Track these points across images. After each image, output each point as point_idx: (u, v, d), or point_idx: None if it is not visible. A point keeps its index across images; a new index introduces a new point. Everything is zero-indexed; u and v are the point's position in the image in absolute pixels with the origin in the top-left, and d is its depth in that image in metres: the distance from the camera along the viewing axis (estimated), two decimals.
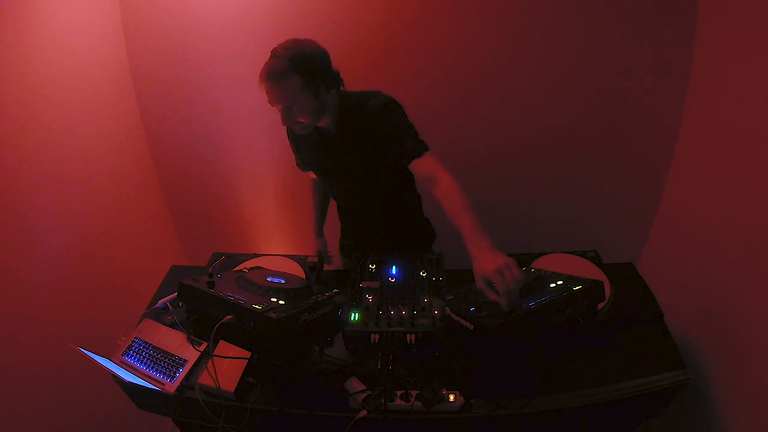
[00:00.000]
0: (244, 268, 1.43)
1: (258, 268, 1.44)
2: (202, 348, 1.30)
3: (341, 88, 1.33)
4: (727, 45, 1.55)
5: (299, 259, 1.61)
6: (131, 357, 1.31)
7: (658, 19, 1.71)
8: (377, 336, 1.18)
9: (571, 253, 1.49)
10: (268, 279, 1.30)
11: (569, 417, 1.16)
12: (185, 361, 1.28)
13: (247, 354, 1.23)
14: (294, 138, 1.53)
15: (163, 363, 1.28)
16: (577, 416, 1.16)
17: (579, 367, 1.18)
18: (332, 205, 1.78)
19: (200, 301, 1.20)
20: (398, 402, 1.11)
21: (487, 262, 1.01)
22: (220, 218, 2.42)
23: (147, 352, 1.31)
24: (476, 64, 1.89)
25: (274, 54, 1.20)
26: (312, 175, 1.65)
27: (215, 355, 1.23)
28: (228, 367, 1.22)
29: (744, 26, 1.45)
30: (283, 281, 1.31)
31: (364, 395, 1.13)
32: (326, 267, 1.76)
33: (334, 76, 1.29)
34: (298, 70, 1.18)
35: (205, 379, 1.20)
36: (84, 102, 1.74)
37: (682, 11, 1.68)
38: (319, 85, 1.24)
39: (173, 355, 1.29)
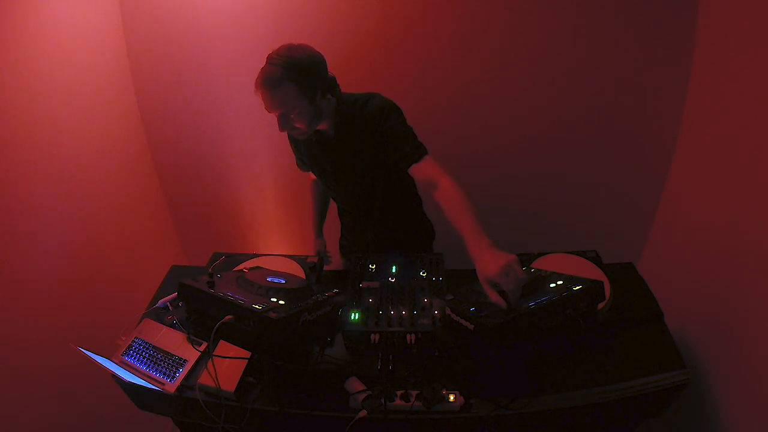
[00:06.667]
0: (244, 268, 1.43)
1: (258, 268, 1.44)
2: (202, 348, 1.30)
3: (338, 92, 1.33)
4: (727, 45, 1.55)
5: (299, 259, 1.61)
6: (131, 357, 1.31)
7: (658, 19, 1.71)
8: (377, 336, 1.18)
9: (571, 253, 1.49)
10: (268, 279, 1.30)
11: (569, 417, 1.16)
12: (185, 361, 1.28)
13: (247, 354, 1.23)
14: (293, 140, 1.53)
15: (163, 363, 1.28)
16: (577, 416, 1.16)
17: (579, 367, 1.18)
18: (332, 206, 1.78)
19: (200, 301, 1.20)
20: (398, 402, 1.11)
21: (490, 263, 1.02)
22: (220, 218, 2.42)
23: (147, 352, 1.31)
24: (475, 65, 1.89)
25: (269, 61, 1.20)
26: (312, 175, 1.65)
27: (215, 355, 1.23)
28: (228, 367, 1.22)
29: (744, 26, 1.45)
30: (283, 281, 1.31)
31: (364, 395, 1.12)
32: (326, 267, 1.76)
33: (329, 82, 1.28)
34: (293, 78, 1.17)
35: (205, 379, 1.20)
36: (84, 102, 1.74)
37: (682, 11, 1.68)
38: (315, 91, 1.23)
39: (173, 355, 1.29)
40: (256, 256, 1.64)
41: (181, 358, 1.28)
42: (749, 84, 1.42)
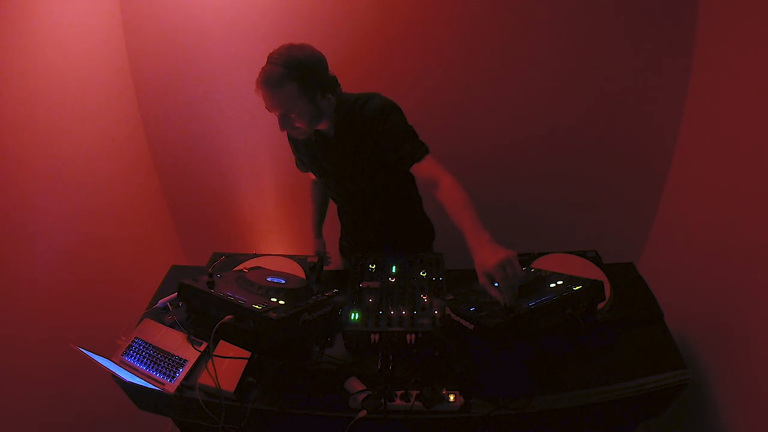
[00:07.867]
0: (244, 268, 1.43)
1: (258, 268, 1.44)
2: (202, 348, 1.30)
3: (339, 91, 1.33)
4: (727, 45, 1.55)
5: (299, 259, 1.61)
6: (131, 357, 1.31)
7: (658, 19, 1.71)
8: (377, 336, 1.18)
9: (571, 253, 1.49)
10: (268, 279, 1.30)
11: (569, 417, 1.16)
12: (185, 361, 1.28)
13: (247, 354, 1.23)
14: (293, 140, 1.53)
15: (163, 363, 1.28)
16: (577, 416, 1.16)
17: (579, 367, 1.18)
18: (332, 206, 1.78)
19: (200, 301, 1.20)
20: (398, 402, 1.11)
21: (489, 256, 1.02)
22: (220, 218, 2.42)
23: (147, 352, 1.31)
24: (476, 65, 1.89)
25: (270, 61, 1.20)
26: (312, 175, 1.65)
27: (215, 355, 1.23)
28: (228, 367, 1.22)
29: (744, 26, 1.45)
30: (283, 281, 1.31)
31: (364, 395, 1.12)
32: (326, 267, 1.76)
33: (330, 81, 1.28)
34: (294, 77, 1.18)
35: (205, 379, 1.20)
36: (84, 102, 1.74)
37: (681, 11, 1.68)
38: (315, 91, 1.23)
39: (173, 355, 1.29)
40: (256, 256, 1.64)
41: (181, 358, 1.28)
42: (749, 84, 1.42)
